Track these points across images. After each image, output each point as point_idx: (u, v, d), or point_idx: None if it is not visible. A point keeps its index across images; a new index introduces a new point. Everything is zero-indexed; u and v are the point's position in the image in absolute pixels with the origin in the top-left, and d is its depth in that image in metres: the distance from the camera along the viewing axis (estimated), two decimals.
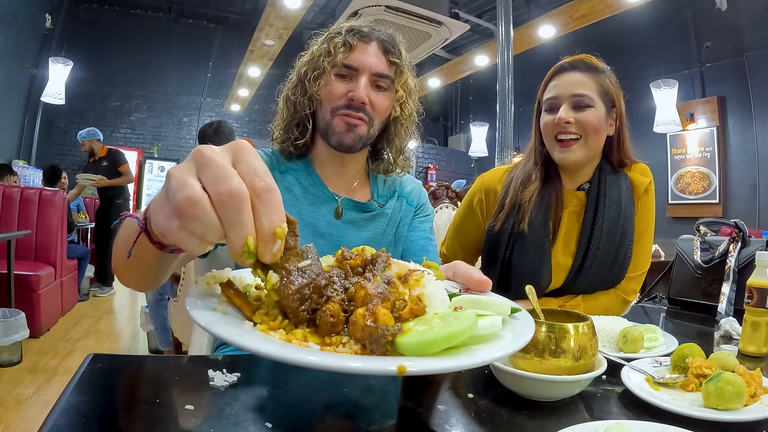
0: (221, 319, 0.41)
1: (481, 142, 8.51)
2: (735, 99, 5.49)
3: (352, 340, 0.41)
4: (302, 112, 1.00)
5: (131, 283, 0.67)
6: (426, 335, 0.39)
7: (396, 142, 1.05)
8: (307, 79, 0.98)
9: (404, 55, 1.01)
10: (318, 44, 1.00)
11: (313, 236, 0.98)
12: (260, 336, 0.40)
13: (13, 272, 2.99)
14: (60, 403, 0.49)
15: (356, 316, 0.41)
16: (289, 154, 1.04)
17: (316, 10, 7.69)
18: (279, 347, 0.37)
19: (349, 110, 0.95)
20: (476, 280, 0.60)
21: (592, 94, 1.10)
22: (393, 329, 0.39)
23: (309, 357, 0.35)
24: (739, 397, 0.56)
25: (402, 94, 1.00)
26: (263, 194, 0.38)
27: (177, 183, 0.37)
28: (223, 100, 8.77)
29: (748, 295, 0.90)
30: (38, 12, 6.70)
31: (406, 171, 1.11)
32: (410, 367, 0.35)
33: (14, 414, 2.08)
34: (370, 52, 0.97)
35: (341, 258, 0.50)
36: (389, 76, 0.98)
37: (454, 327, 0.39)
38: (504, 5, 4.25)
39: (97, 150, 4.98)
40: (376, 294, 0.43)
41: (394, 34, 1.02)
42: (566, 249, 1.17)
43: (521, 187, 1.17)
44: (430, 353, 0.39)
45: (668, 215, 5.96)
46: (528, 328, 0.47)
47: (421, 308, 0.43)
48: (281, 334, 0.41)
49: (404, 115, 1.03)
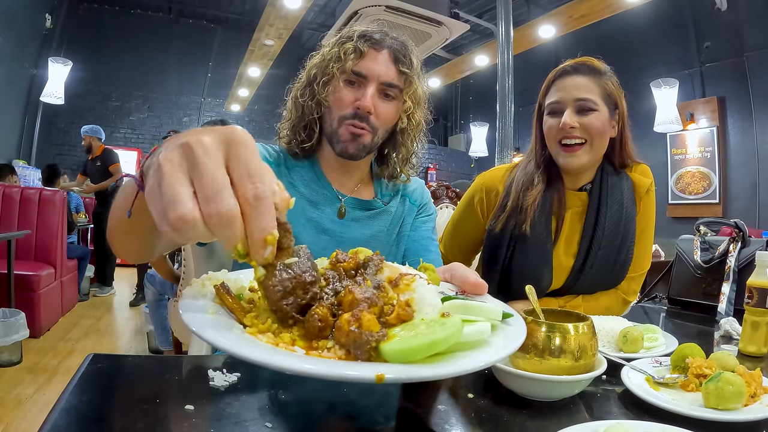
0: (211, 322, 0.41)
1: (481, 142, 8.51)
2: (735, 99, 5.49)
3: (337, 345, 0.41)
4: (310, 116, 1.00)
5: (125, 250, 0.66)
6: (410, 342, 0.39)
7: (402, 152, 1.05)
8: (316, 83, 0.98)
9: (415, 64, 1.00)
10: (329, 47, 0.99)
11: (316, 233, 0.98)
12: (246, 339, 0.40)
13: (13, 272, 2.99)
14: (60, 403, 0.49)
15: (341, 322, 0.41)
16: (296, 153, 1.04)
17: (316, 10, 7.69)
18: (258, 351, 0.37)
19: (355, 120, 0.95)
20: (472, 282, 0.60)
21: (596, 97, 1.10)
22: (377, 335, 0.39)
23: (286, 362, 0.36)
24: (739, 397, 0.56)
25: (410, 105, 0.99)
26: (255, 203, 0.37)
27: (169, 192, 0.37)
28: (223, 100, 8.77)
29: (748, 295, 0.90)
30: (38, 12, 6.70)
31: (410, 178, 1.11)
32: (389, 375, 0.35)
33: (14, 414, 2.08)
34: (380, 61, 0.96)
35: (335, 261, 0.50)
36: (397, 85, 0.97)
37: (438, 334, 0.39)
38: (504, 5, 4.25)
39: (95, 148, 4.99)
40: (363, 299, 0.43)
41: (407, 42, 1.01)
42: (568, 250, 1.16)
43: (523, 190, 1.17)
44: (413, 360, 0.38)
45: (668, 215, 5.96)
46: (519, 335, 0.47)
47: (409, 314, 0.43)
48: (269, 338, 0.42)
49: (411, 126, 1.02)
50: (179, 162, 0.38)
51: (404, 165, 1.07)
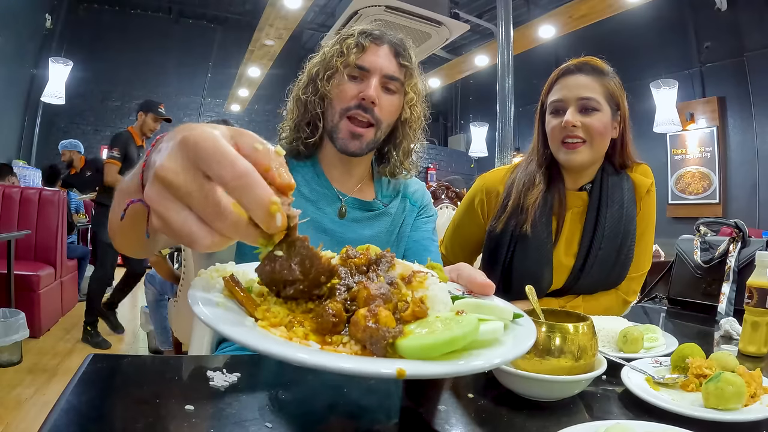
0: (223, 314, 0.40)
1: (481, 142, 8.51)
2: (735, 99, 5.50)
3: (352, 340, 0.41)
4: (313, 111, 1.01)
5: (125, 247, 0.66)
6: (427, 339, 0.39)
7: (404, 145, 1.07)
8: (319, 78, 0.99)
9: (414, 59, 1.02)
10: (330, 45, 1.01)
11: (317, 233, 0.98)
12: (261, 333, 0.40)
13: (13, 272, 2.99)
14: (60, 403, 0.49)
15: (358, 317, 0.40)
16: (298, 153, 1.04)
17: (316, 10, 7.69)
18: (278, 345, 0.37)
19: (359, 110, 0.96)
20: (479, 282, 0.60)
21: (599, 97, 1.10)
22: (394, 331, 0.39)
23: (309, 356, 0.35)
24: (739, 397, 0.56)
25: (412, 96, 1.02)
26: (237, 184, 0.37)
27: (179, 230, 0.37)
28: (223, 100, 8.77)
29: (748, 295, 0.90)
30: (38, 12, 6.70)
31: (413, 173, 1.12)
32: (409, 371, 0.35)
33: (14, 414, 2.08)
34: (382, 54, 0.98)
35: (345, 256, 0.50)
36: (399, 78, 0.99)
37: (456, 331, 0.39)
38: (504, 5, 4.25)
39: (77, 161, 5.01)
40: (378, 295, 0.43)
41: (405, 39, 1.04)
42: (568, 250, 1.17)
43: (524, 190, 1.17)
44: (430, 357, 0.38)
45: (668, 215, 5.96)
46: (529, 335, 0.47)
47: (423, 311, 0.43)
48: (282, 332, 0.41)
49: (413, 117, 1.04)
50: (164, 196, 0.38)
51: (405, 159, 1.08)
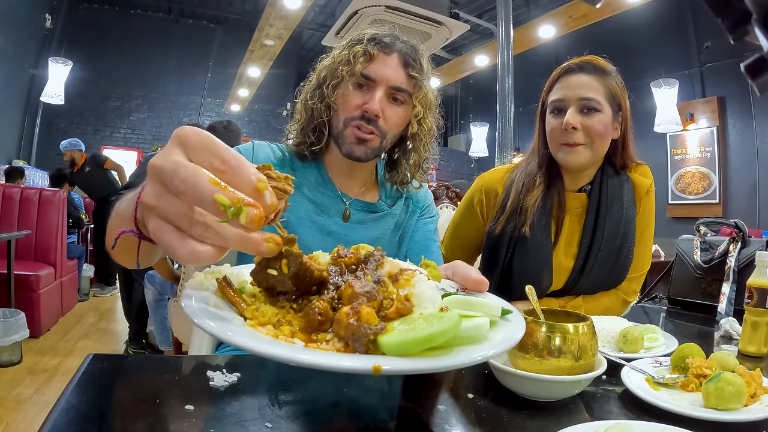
0: (211, 313, 0.42)
1: (481, 143, 8.50)
2: (735, 99, 5.49)
3: (336, 337, 0.42)
4: (319, 119, 1.00)
5: (125, 263, 0.66)
6: (407, 335, 0.39)
7: (414, 157, 1.04)
8: (325, 86, 0.97)
9: (425, 69, 0.99)
10: (340, 50, 0.99)
11: (321, 234, 0.98)
12: (246, 331, 0.41)
13: (13, 272, 2.99)
14: (60, 403, 0.49)
15: (340, 314, 0.41)
16: (303, 156, 1.03)
17: (316, 10, 7.68)
18: (256, 341, 0.38)
19: (362, 122, 0.94)
20: (473, 279, 0.60)
21: (600, 97, 1.08)
22: (375, 328, 0.40)
23: (284, 352, 0.37)
24: (739, 397, 0.56)
25: (420, 110, 0.98)
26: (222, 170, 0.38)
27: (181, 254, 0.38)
28: (223, 100, 8.77)
29: (748, 295, 0.90)
30: (38, 12, 6.70)
31: (422, 184, 1.10)
32: (386, 367, 0.36)
33: (14, 414, 2.08)
34: (390, 65, 0.95)
35: (336, 256, 0.51)
36: (407, 90, 0.97)
37: (435, 328, 0.39)
38: (504, 5, 4.25)
39: (78, 159, 5.01)
40: (362, 293, 0.44)
41: (418, 46, 1.00)
42: (568, 251, 1.16)
43: (524, 191, 1.16)
44: (411, 353, 0.39)
45: (668, 215, 5.96)
46: (517, 331, 0.47)
47: (408, 308, 0.44)
48: (269, 330, 0.43)
49: (423, 131, 1.01)
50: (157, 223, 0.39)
51: (416, 171, 1.06)
